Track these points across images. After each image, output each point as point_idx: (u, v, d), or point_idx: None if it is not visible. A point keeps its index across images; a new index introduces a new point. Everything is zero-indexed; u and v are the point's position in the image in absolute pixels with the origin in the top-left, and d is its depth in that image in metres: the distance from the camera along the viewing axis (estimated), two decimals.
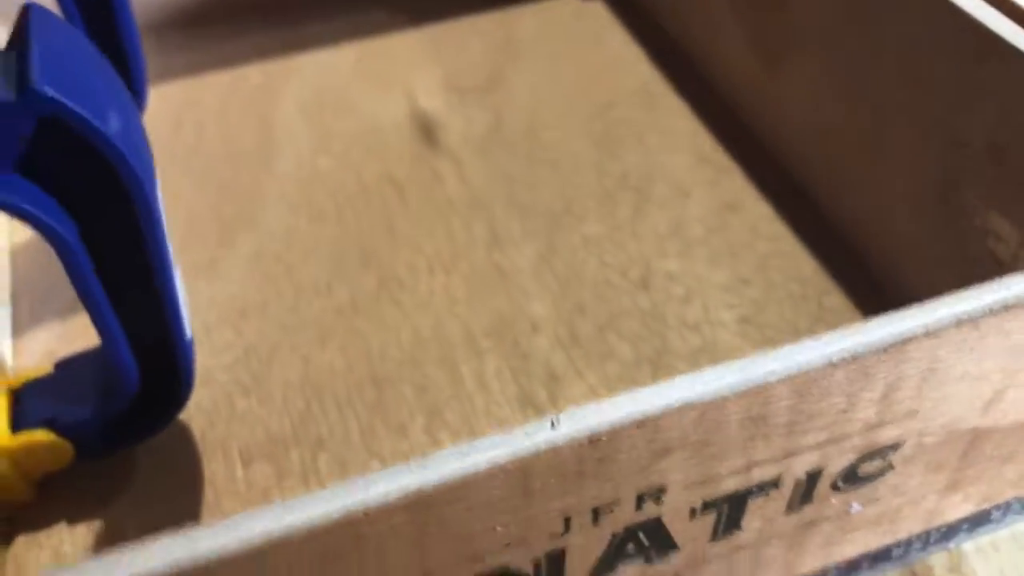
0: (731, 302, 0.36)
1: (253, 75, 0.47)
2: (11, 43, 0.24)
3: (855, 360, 0.20)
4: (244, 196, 0.40)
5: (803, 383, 0.20)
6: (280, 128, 0.44)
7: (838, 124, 0.37)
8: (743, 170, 0.41)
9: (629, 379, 0.33)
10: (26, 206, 0.23)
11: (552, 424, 0.19)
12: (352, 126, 0.44)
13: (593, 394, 0.33)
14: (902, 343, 0.21)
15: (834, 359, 0.20)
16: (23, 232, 0.39)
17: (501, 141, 0.43)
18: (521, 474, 0.19)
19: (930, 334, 0.21)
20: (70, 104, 0.22)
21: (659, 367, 0.34)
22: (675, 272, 0.37)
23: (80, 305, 0.26)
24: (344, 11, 0.50)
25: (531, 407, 0.33)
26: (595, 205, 0.40)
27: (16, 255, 0.38)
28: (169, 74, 0.46)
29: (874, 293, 0.36)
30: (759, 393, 0.20)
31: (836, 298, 0.36)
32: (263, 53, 0.48)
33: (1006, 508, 0.29)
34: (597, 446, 0.19)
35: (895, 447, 0.24)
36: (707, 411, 0.20)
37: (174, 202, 0.40)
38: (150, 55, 0.41)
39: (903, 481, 0.25)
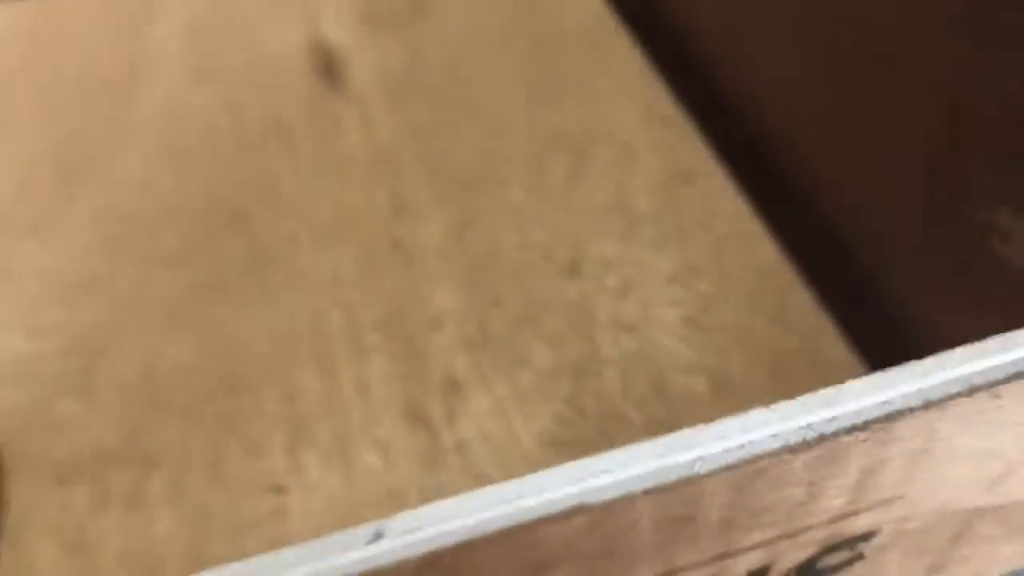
0: (676, 297, 0.29)
1: None
2: None
3: (821, 443, 0.14)
4: (94, 138, 0.33)
5: (746, 476, 0.14)
6: (152, 56, 0.36)
7: (818, 82, 0.31)
8: (700, 131, 0.34)
9: (544, 393, 0.27)
10: None
11: (376, 536, 0.13)
12: (239, 57, 0.37)
13: (500, 410, 0.26)
14: (889, 419, 0.15)
15: (791, 442, 0.14)
16: None
17: (417, 84, 0.36)
18: None
19: (930, 406, 0.15)
20: None
21: (582, 377, 0.27)
22: (611, 257, 0.30)
23: None
24: None
25: (421, 424, 0.26)
26: (522, 168, 0.33)
27: None
28: None
29: (848, 290, 0.30)
30: (682, 489, 0.14)
31: (802, 296, 0.30)
32: None
33: None
34: (438, 569, 0.13)
35: (868, 536, 0.18)
36: (605, 515, 0.14)
37: (8, 143, 0.33)
38: None
39: (874, 571, 0.19)
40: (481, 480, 0.25)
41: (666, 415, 0.26)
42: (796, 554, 0.17)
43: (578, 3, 0.39)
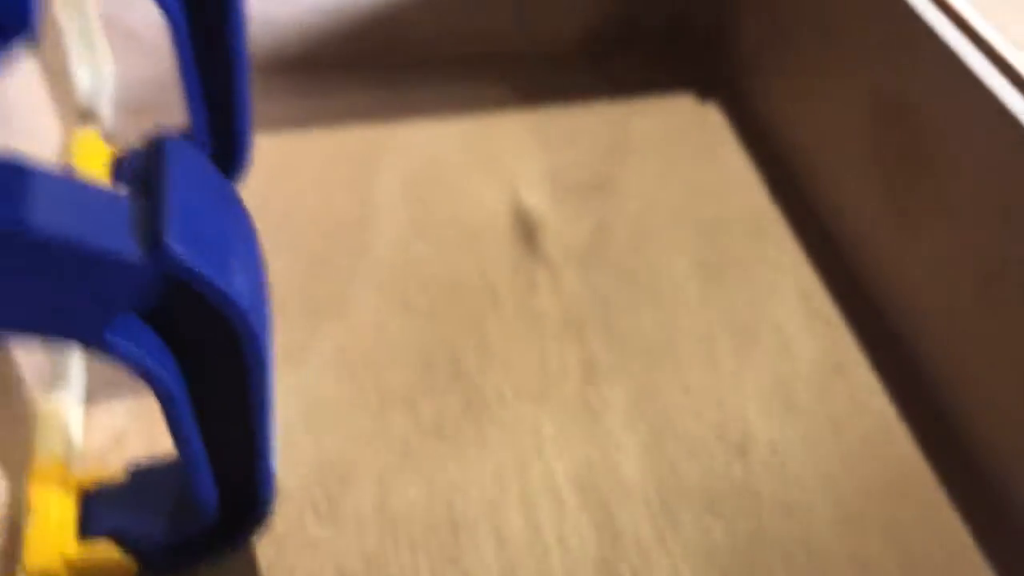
0: (829, 484, 0.34)
1: (354, 139, 0.45)
2: (139, 178, 0.22)
3: None
4: (335, 278, 0.39)
5: None
6: (379, 203, 0.42)
7: (967, 306, 0.35)
8: (853, 330, 0.39)
9: (719, 565, 0.31)
10: (143, 360, 0.22)
11: None
12: (451, 211, 0.42)
13: None
14: None
15: None
16: None
17: (602, 254, 0.41)
18: None
19: None
20: (200, 269, 0.20)
21: (754, 554, 0.32)
22: (776, 441, 0.35)
23: None
24: (453, 80, 0.48)
25: None
26: (696, 349, 0.38)
27: None
28: (268, 124, 0.45)
29: (982, 498, 0.34)
30: None
31: (937, 494, 0.34)
32: (367, 114, 0.46)
33: None
34: None
35: None
36: None
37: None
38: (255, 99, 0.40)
39: None
40: None
41: None
42: None
43: (743, 190, 0.45)
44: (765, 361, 0.38)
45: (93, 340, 0.21)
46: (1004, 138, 0.32)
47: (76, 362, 0.35)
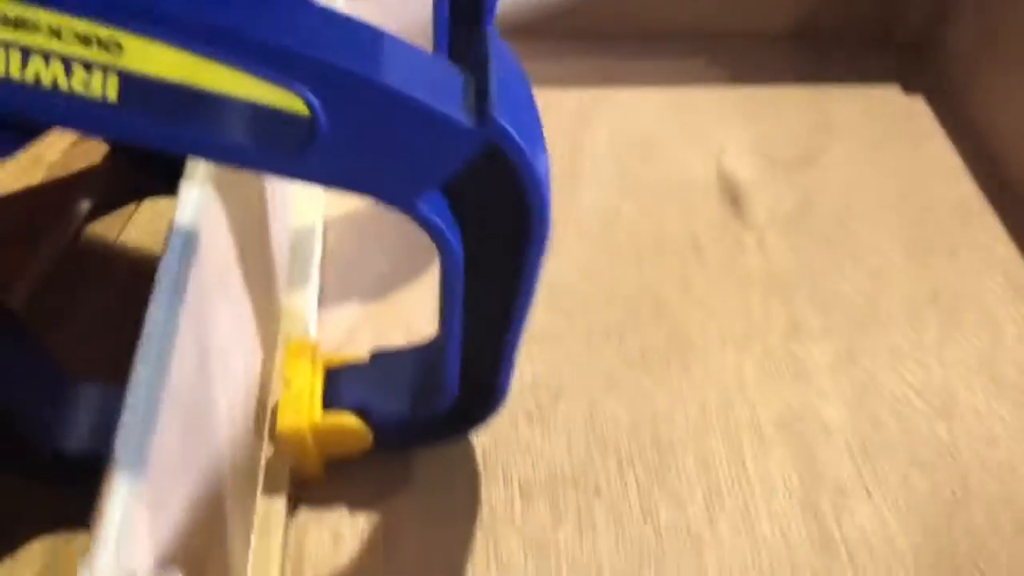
0: None
1: (568, 100, 0.47)
2: (467, 59, 0.24)
3: None
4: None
5: None
6: (588, 161, 0.44)
7: None
8: None
9: (921, 514, 0.32)
10: (443, 232, 0.23)
11: None
12: (658, 175, 0.44)
13: (880, 521, 0.31)
14: None
15: None
16: (335, 207, 0.40)
17: (809, 224, 0.42)
18: None
19: None
20: (520, 141, 0.22)
21: (958, 509, 0.32)
22: (981, 410, 0.35)
23: (382, 285, 0.25)
24: (663, 54, 0.50)
25: (813, 517, 0.32)
26: (901, 318, 0.38)
27: (327, 229, 0.40)
28: None
29: None
30: None
31: None
32: (581, 80, 0.49)
33: None
34: None
35: None
36: None
37: None
38: None
39: None
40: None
41: None
42: None
43: (949, 181, 0.45)
44: (971, 335, 0.38)
45: (406, 205, 0.23)
46: None
47: (315, 264, 0.38)
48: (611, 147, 0.45)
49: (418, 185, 0.23)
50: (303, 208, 0.40)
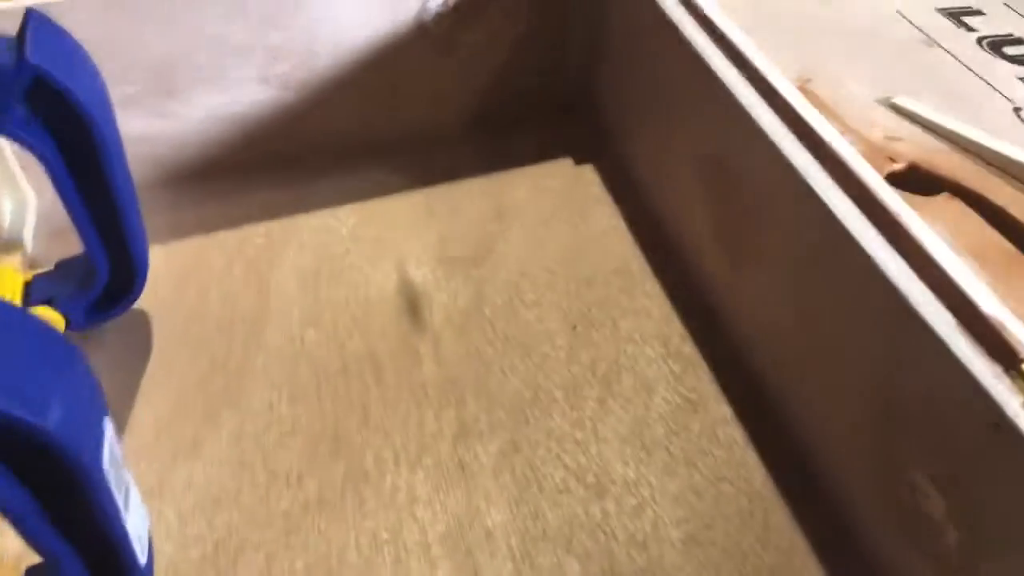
0: (681, 516, 0.37)
1: (258, 235, 0.49)
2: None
3: None
4: (233, 370, 0.43)
5: None
6: (276, 296, 0.46)
7: (791, 332, 0.38)
8: (708, 365, 0.42)
9: None
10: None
11: None
12: (343, 295, 0.46)
13: None
14: None
15: None
16: None
17: (481, 320, 0.45)
18: None
19: None
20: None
21: None
22: (631, 479, 0.38)
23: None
24: (351, 170, 0.53)
25: None
26: (562, 397, 0.41)
27: None
28: (180, 231, 0.49)
29: (819, 508, 0.37)
30: None
31: (780, 516, 0.37)
32: (271, 211, 0.50)
33: None
34: None
35: None
36: None
37: (167, 374, 0.42)
38: (164, 211, 0.47)
39: None
40: None
41: None
42: None
43: (614, 247, 0.48)
44: (625, 403, 0.41)
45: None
46: (790, 189, 0.36)
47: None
48: (299, 277, 0.47)
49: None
50: None
